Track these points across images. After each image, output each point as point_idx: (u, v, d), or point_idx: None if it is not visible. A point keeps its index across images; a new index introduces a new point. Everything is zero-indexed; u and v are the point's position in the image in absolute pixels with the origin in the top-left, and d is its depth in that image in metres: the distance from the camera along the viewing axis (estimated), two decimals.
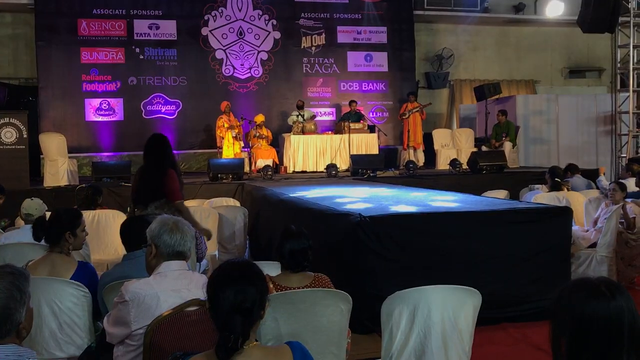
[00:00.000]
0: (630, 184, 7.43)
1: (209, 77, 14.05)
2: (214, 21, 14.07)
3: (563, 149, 13.70)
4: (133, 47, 13.62)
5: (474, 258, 4.95)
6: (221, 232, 6.94)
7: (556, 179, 7.88)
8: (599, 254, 6.25)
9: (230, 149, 12.29)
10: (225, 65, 14.16)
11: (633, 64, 12.77)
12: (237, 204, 8.25)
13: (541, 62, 17.08)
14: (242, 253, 7.11)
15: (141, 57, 13.68)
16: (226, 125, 12.42)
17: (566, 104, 13.99)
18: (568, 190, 7.87)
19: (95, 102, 13.48)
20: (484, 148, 12.95)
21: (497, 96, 13.98)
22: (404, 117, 13.45)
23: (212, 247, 6.60)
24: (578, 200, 7.28)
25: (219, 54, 14.13)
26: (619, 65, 12.98)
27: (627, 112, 12.96)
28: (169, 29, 13.77)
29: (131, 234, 3.55)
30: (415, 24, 15.42)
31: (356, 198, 6.59)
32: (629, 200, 6.73)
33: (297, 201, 6.51)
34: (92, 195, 7.00)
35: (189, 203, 7.73)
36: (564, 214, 5.24)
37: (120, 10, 13.57)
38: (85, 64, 13.37)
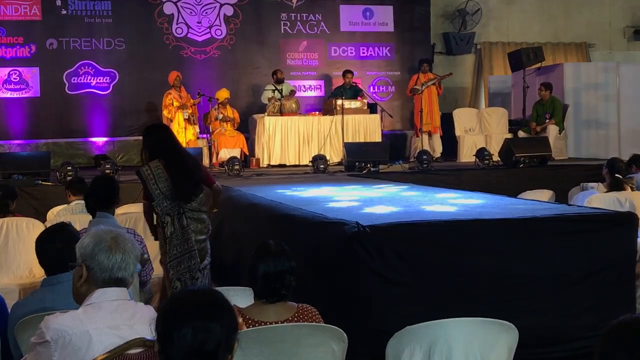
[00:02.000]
0: None
1: (155, 40, 14.06)
2: None
3: (626, 135, 13.79)
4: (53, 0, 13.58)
5: (508, 281, 4.97)
6: None
7: (616, 175, 7.93)
8: None
9: (181, 136, 12.28)
10: (177, 24, 14.16)
11: None
12: None
13: (597, 19, 17.21)
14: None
15: (64, 12, 13.66)
16: (176, 103, 12.42)
17: (630, 75, 14.10)
18: (632, 189, 7.92)
19: (2, 72, 13.42)
20: (521, 134, 13.04)
21: (538, 64, 14.06)
22: (415, 92, 13.50)
23: (159, 268, 6.60)
24: None
25: (168, 9, 14.14)
26: None
27: None
28: None
29: (53, 251, 3.55)
30: None
31: (352, 201, 6.59)
32: None
33: (273, 206, 6.51)
34: (2, 198, 6.96)
35: (127, 208, 7.75)
36: (627, 221, 5.26)
37: None
38: None
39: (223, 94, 12.74)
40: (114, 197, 5.39)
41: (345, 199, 6.86)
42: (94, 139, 13.67)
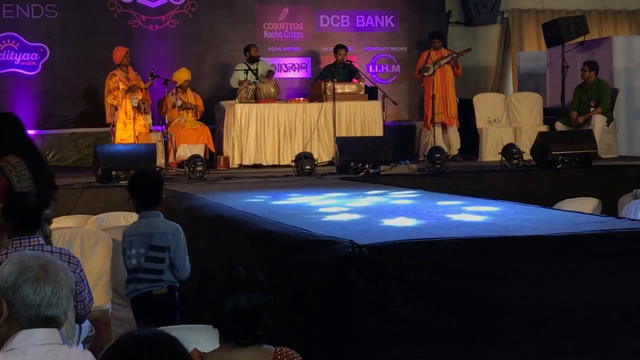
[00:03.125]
0: None
1: (96, 6, 14.10)
2: None
3: None
4: None
5: (545, 314, 4.98)
6: (117, 272, 6.93)
7: None
8: None
9: (129, 128, 12.30)
10: None
11: None
12: None
13: None
14: None
15: None
16: (122, 86, 12.40)
17: None
18: None
19: None
20: (559, 126, 13.10)
21: (581, 38, 14.10)
22: (424, 73, 13.49)
23: (101, 297, 6.58)
24: None
25: None
26: None
27: None
28: None
29: None
30: None
31: (345, 213, 6.59)
32: None
33: (246, 219, 6.51)
34: None
35: (60, 222, 7.73)
36: None
37: None
38: None
39: (182, 75, 12.75)
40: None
41: (336, 209, 6.84)
42: None
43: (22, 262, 2.89)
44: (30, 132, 13.49)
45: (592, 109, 13.01)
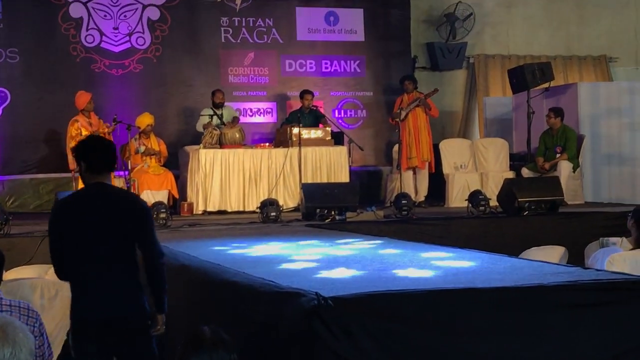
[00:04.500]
0: None
1: (59, 50, 14.11)
2: None
3: None
4: None
5: None
6: None
7: None
8: None
9: None
10: (87, 30, 14.21)
11: None
12: None
13: (620, 26, 17.52)
14: None
15: None
16: (85, 132, 12.34)
17: None
18: None
19: None
20: (525, 172, 13.15)
21: (546, 84, 14.20)
22: (397, 118, 13.40)
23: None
24: None
25: (76, 11, 14.19)
26: None
27: None
28: None
29: None
30: None
31: (311, 262, 6.58)
32: None
33: (210, 270, 6.48)
34: None
35: (18, 272, 7.64)
36: None
37: None
38: None
39: (145, 120, 12.72)
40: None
41: (302, 258, 6.84)
42: None
43: None
44: None
45: (558, 155, 13.08)
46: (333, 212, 11.05)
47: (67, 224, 5.18)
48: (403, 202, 11.43)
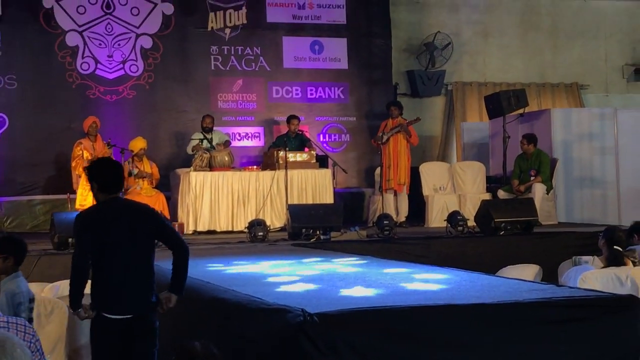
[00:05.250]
0: None
1: (55, 77, 14.09)
2: None
3: (627, 195, 14.01)
4: None
5: None
6: (73, 339, 6.85)
7: (615, 247, 8.03)
8: None
9: (88, 195, 12.18)
10: (83, 58, 14.19)
11: None
12: None
13: (590, 55, 17.62)
14: None
15: None
16: (87, 155, 12.34)
17: (630, 123, 14.37)
18: (635, 264, 8.03)
19: None
20: (501, 194, 13.18)
21: (521, 110, 14.24)
22: (378, 141, 13.45)
23: None
24: None
25: (73, 39, 14.17)
26: None
27: None
28: None
29: None
30: None
31: (297, 281, 6.57)
32: None
33: (201, 287, 6.47)
34: None
35: None
36: (630, 307, 5.34)
37: None
38: None
39: (138, 144, 12.70)
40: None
41: (289, 277, 6.83)
42: None
43: None
44: None
45: (532, 178, 13.11)
46: (318, 232, 11.03)
47: (94, 232, 5.43)
48: (385, 222, 11.44)
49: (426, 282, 6.30)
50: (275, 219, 12.45)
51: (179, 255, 5.70)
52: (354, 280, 6.60)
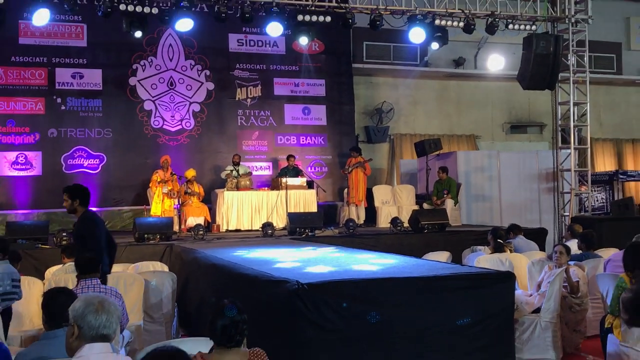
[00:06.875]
0: (573, 246, 7.69)
1: (137, 129, 14.00)
2: (143, 71, 14.09)
3: (506, 207, 14.08)
4: (54, 97, 13.47)
5: (418, 327, 5.01)
6: (147, 300, 6.80)
7: (499, 241, 8.10)
8: (543, 320, 6.42)
9: (158, 206, 12.17)
10: (155, 117, 14.14)
11: (574, 121, 13.40)
12: (165, 268, 8.13)
13: (482, 117, 17.71)
14: (169, 322, 6.97)
15: (63, 107, 13.53)
16: (159, 179, 12.33)
17: (508, 160, 14.43)
18: (511, 251, 8.10)
19: (11, 155, 13.19)
20: (425, 205, 13.19)
21: (437, 152, 14.31)
22: (346, 172, 13.68)
23: (137, 317, 6.46)
24: (521, 262, 7.50)
25: (148, 105, 14.12)
26: (560, 122, 13.59)
27: (569, 170, 13.50)
28: (93, 78, 13.69)
29: (55, 309, 3.46)
30: (354, 77, 15.87)
31: (294, 262, 6.58)
32: (571, 263, 6.97)
33: (229, 266, 6.47)
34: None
35: (112, 268, 7.57)
36: (507, 279, 5.39)
37: (41, 58, 13.43)
38: (1, 115, 13.12)
39: (191, 173, 12.69)
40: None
41: (288, 259, 6.85)
42: None
43: (87, 299, 2.86)
44: (93, 209, 13.20)
45: (445, 196, 13.17)
46: (307, 230, 11.04)
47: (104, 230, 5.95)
48: (350, 224, 11.44)
49: (377, 265, 6.32)
50: (280, 222, 12.41)
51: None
52: (330, 261, 6.61)
